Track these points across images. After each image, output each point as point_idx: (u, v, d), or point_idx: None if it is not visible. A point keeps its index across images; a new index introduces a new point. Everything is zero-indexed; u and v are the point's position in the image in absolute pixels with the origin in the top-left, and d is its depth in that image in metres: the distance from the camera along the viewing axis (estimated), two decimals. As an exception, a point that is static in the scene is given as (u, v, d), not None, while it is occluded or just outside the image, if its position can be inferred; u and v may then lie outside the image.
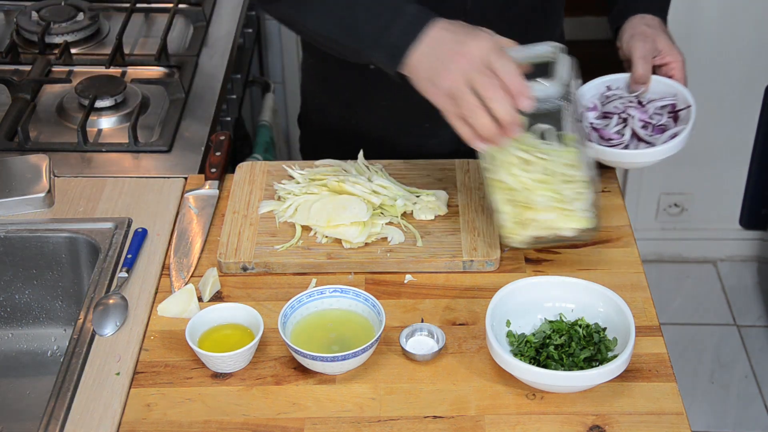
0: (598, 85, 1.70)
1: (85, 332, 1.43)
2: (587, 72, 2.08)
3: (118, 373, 1.38)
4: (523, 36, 1.44)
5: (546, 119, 1.40)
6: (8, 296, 1.65)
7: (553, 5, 1.76)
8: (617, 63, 1.71)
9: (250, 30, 2.44)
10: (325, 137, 1.88)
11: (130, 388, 1.36)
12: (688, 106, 1.63)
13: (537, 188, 1.43)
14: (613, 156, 1.59)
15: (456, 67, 1.33)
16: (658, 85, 1.66)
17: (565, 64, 1.40)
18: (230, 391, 1.36)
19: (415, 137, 1.78)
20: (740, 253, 3.23)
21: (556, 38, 1.77)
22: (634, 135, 1.63)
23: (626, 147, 1.62)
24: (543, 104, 1.38)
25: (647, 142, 1.62)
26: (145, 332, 1.44)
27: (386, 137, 1.78)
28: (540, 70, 1.40)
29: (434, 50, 1.36)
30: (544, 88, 1.38)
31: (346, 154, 1.71)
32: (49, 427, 1.31)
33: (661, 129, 1.63)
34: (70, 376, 1.37)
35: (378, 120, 1.78)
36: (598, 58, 1.55)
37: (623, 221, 1.63)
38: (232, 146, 1.81)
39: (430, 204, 1.61)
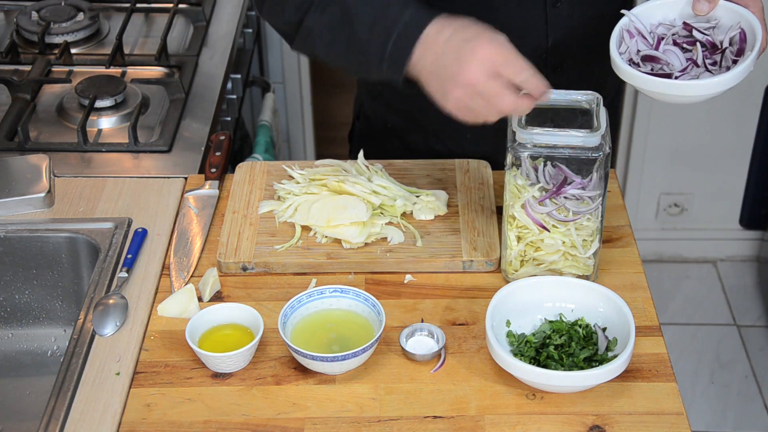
0: (647, 11, 1.49)
1: (85, 332, 1.43)
2: (587, 72, 2.08)
3: (118, 373, 1.38)
4: (603, 66, 1.45)
5: (575, 166, 1.40)
6: (8, 296, 1.65)
7: None
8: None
9: (250, 30, 2.44)
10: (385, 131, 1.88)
11: (130, 388, 1.36)
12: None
13: (551, 230, 1.44)
14: (678, 89, 1.41)
15: (462, 82, 1.32)
16: (725, 11, 1.46)
17: (603, 116, 1.40)
18: (230, 391, 1.36)
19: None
20: (740, 253, 3.23)
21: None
22: (693, 64, 1.46)
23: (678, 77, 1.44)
24: (576, 153, 1.38)
25: (709, 72, 1.45)
26: (145, 332, 1.44)
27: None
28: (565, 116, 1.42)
29: (439, 61, 1.34)
30: (581, 137, 1.38)
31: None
32: (49, 427, 1.31)
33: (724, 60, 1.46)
34: (70, 376, 1.37)
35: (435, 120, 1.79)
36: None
37: (623, 221, 1.63)
38: (232, 146, 1.81)
39: (429, 204, 1.61)
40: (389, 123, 1.83)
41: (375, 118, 1.86)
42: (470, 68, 1.31)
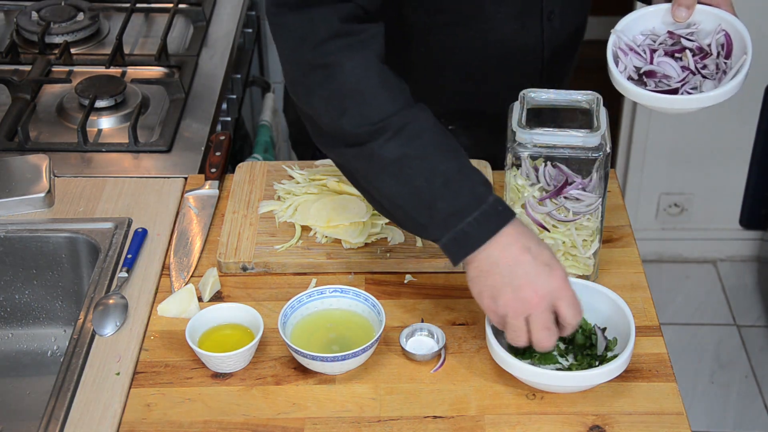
0: (630, 24, 1.50)
1: (85, 332, 1.43)
2: (585, 72, 2.09)
3: (118, 373, 1.38)
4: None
5: (575, 166, 1.40)
6: (8, 296, 1.65)
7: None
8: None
9: (250, 30, 2.44)
10: None
11: (130, 388, 1.36)
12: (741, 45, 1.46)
13: (551, 230, 1.44)
14: (680, 103, 1.43)
15: (522, 297, 1.28)
16: (703, 15, 1.48)
17: (603, 116, 1.40)
18: (230, 391, 1.36)
19: None
20: (740, 253, 3.23)
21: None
22: (690, 72, 1.47)
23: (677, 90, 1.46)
24: (576, 153, 1.38)
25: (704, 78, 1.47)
26: (145, 332, 1.44)
27: None
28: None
29: (506, 266, 1.28)
30: (581, 137, 1.38)
31: None
32: (49, 427, 1.30)
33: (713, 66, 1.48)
34: (70, 376, 1.37)
35: None
36: (598, 58, 1.54)
37: (623, 221, 1.63)
38: (232, 146, 1.81)
39: (430, 204, 1.61)
40: None
41: None
42: (539, 290, 1.28)
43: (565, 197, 1.41)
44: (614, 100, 1.70)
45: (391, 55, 1.39)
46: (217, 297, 1.50)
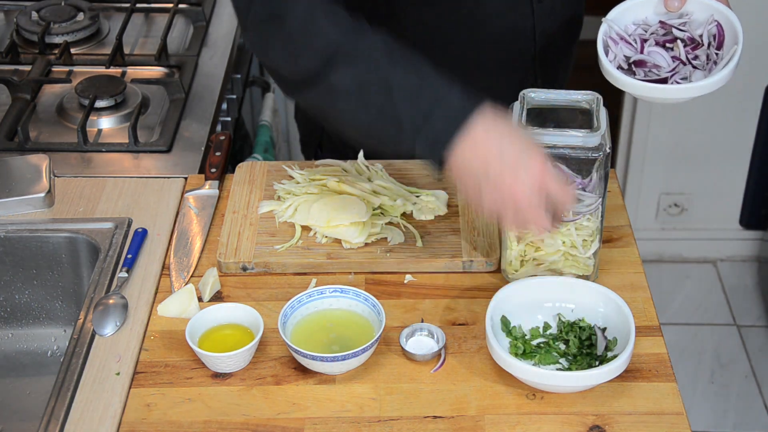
0: (622, 13, 1.51)
1: (85, 332, 1.43)
2: (585, 72, 2.09)
3: (118, 373, 1.38)
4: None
5: (575, 166, 1.39)
6: (8, 296, 1.65)
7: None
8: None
9: (250, 30, 2.44)
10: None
11: (130, 388, 1.36)
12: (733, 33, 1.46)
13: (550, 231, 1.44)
14: (670, 93, 1.44)
15: (503, 196, 1.28)
16: (696, 6, 1.49)
17: (603, 116, 1.40)
18: (230, 391, 1.36)
19: None
20: (740, 253, 3.23)
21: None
22: (680, 62, 1.48)
23: (667, 79, 1.47)
24: (576, 153, 1.38)
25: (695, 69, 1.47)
26: (145, 332, 1.44)
27: None
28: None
29: (488, 163, 1.28)
30: (581, 137, 1.37)
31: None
32: (49, 427, 1.31)
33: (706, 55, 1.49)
34: (70, 376, 1.37)
35: None
36: (594, 59, 1.54)
37: (623, 221, 1.63)
38: (232, 146, 1.81)
39: (429, 204, 1.61)
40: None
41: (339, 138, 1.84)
42: (520, 184, 1.27)
43: None
44: (614, 100, 1.70)
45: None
46: (217, 297, 1.50)
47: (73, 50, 2.09)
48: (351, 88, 1.33)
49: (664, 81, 1.45)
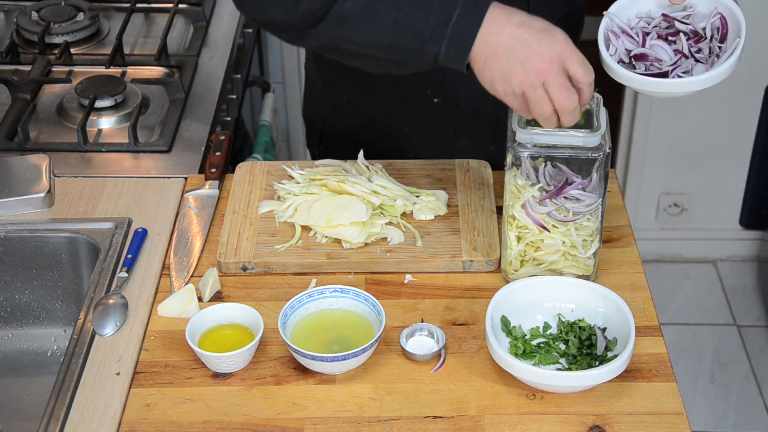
0: (624, 6, 1.51)
1: (85, 332, 1.43)
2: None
3: (118, 373, 1.38)
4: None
5: (575, 166, 1.39)
6: (8, 296, 1.65)
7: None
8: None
9: (250, 30, 2.44)
10: (348, 135, 1.84)
11: (130, 388, 1.36)
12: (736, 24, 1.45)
13: (551, 230, 1.44)
14: (672, 87, 1.43)
15: (532, 68, 1.30)
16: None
17: (603, 116, 1.40)
18: (230, 391, 1.36)
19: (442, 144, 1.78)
20: (740, 253, 3.23)
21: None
22: (682, 56, 1.47)
23: (668, 73, 1.46)
24: (576, 153, 1.38)
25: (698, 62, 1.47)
26: (145, 332, 1.44)
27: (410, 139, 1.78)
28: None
29: (514, 42, 1.31)
30: (581, 137, 1.37)
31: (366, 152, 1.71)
32: (49, 427, 1.31)
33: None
34: (70, 376, 1.37)
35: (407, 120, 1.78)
36: (598, 58, 1.54)
37: (623, 221, 1.63)
38: (232, 146, 1.81)
39: (429, 204, 1.61)
40: (356, 136, 1.82)
41: (340, 133, 1.84)
42: (545, 56, 1.30)
43: (565, 197, 1.41)
44: (614, 100, 1.70)
45: None
46: (217, 297, 1.50)
47: (73, 50, 2.09)
48: (362, 11, 1.35)
49: (665, 75, 1.44)
